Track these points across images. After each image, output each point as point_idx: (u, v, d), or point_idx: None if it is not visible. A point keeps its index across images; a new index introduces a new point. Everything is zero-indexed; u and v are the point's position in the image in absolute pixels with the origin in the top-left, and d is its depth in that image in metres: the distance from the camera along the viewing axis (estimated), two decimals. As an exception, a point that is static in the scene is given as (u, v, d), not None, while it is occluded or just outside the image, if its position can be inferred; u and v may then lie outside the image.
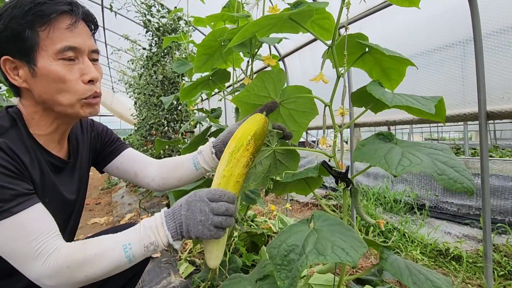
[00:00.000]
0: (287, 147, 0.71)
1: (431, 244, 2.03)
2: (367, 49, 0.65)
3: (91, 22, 0.73)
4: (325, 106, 0.64)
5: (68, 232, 0.85)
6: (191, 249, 1.90)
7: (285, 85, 0.70)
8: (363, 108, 0.67)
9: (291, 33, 0.70)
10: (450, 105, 1.45)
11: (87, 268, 0.59)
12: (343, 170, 0.63)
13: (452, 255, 1.91)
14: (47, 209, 0.65)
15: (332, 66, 0.64)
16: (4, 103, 1.48)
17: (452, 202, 2.77)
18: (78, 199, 0.87)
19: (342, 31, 0.67)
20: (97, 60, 0.75)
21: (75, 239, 0.92)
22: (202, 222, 0.60)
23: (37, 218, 0.61)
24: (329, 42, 0.62)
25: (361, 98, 0.66)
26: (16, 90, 0.72)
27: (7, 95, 1.66)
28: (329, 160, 0.66)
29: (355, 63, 0.68)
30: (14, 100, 1.71)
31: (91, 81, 0.70)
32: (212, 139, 0.86)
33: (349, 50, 0.61)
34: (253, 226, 1.85)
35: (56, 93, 0.67)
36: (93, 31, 0.74)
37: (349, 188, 0.63)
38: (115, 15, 4.06)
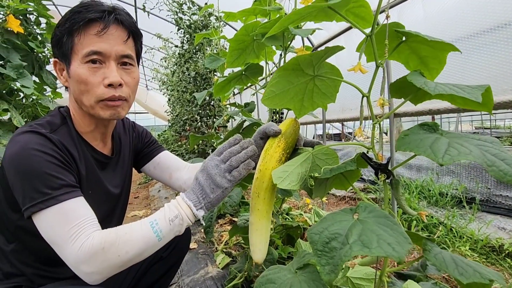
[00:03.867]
0: (324, 147, 0.69)
1: (482, 240, 1.88)
2: (404, 38, 0.61)
3: (128, 29, 0.75)
4: (363, 96, 0.62)
5: (114, 224, 0.91)
6: (227, 241, 1.95)
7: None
8: (402, 99, 0.63)
9: (326, 21, 0.68)
10: (503, 90, 1.32)
11: (120, 246, 0.61)
12: (383, 162, 0.60)
13: (507, 251, 1.76)
14: (92, 202, 0.70)
15: (365, 56, 0.61)
16: (50, 104, 1.61)
17: (507, 196, 2.52)
18: (122, 193, 0.93)
19: (379, 18, 0.63)
20: (130, 64, 0.77)
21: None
22: (217, 174, 0.68)
23: (80, 207, 0.66)
24: (367, 31, 0.59)
25: (400, 89, 0.62)
26: (66, 89, 0.80)
27: (52, 96, 1.79)
28: (368, 152, 0.63)
29: (391, 56, 0.64)
30: (59, 101, 1.86)
31: (110, 85, 0.72)
32: None
33: (384, 40, 0.57)
34: (288, 219, 1.85)
35: (80, 93, 0.73)
36: (128, 37, 0.75)
37: (389, 180, 0.60)
38: (148, 15, 4.22)
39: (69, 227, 0.62)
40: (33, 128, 0.69)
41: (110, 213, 0.89)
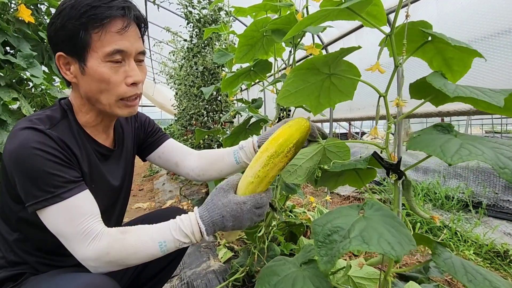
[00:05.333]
0: (337, 141, 0.69)
1: (487, 245, 1.86)
2: (429, 38, 0.59)
3: (141, 25, 0.75)
4: (380, 96, 0.61)
5: (116, 216, 0.92)
6: (230, 236, 1.96)
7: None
8: (419, 100, 0.62)
9: (347, 20, 0.66)
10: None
11: (125, 256, 0.65)
12: (395, 162, 0.60)
13: (512, 257, 1.74)
14: (94, 195, 0.70)
15: (389, 55, 0.60)
16: (58, 94, 1.62)
17: (516, 201, 2.49)
18: (123, 185, 0.92)
19: (391, 17, 0.62)
20: (143, 60, 0.77)
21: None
22: (248, 225, 0.70)
23: (84, 203, 0.67)
24: (385, 29, 0.58)
25: (420, 89, 0.61)
26: (67, 83, 0.78)
27: (60, 87, 1.79)
28: (381, 152, 0.63)
29: (415, 53, 0.63)
30: (68, 92, 1.86)
31: (133, 84, 0.72)
32: (255, 137, 0.89)
33: (409, 39, 0.56)
34: (291, 216, 1.85)
35: (98, 92, 0.71)
36: (142, 33, 0.76)
37: (401, 181, 0.60)
38: (158, 8, 4.20)
39: (76, 224, 0.63)
40: (32, 124, 0.67)
41: (112, 206, 0.89)
